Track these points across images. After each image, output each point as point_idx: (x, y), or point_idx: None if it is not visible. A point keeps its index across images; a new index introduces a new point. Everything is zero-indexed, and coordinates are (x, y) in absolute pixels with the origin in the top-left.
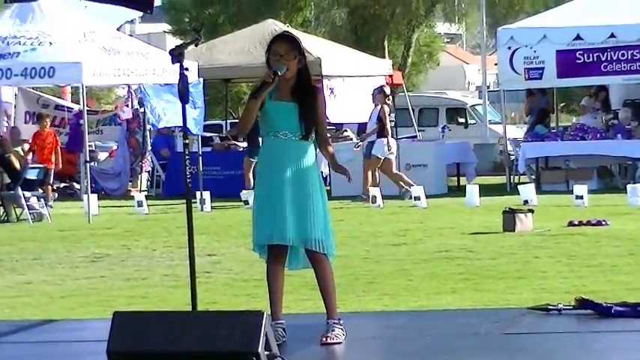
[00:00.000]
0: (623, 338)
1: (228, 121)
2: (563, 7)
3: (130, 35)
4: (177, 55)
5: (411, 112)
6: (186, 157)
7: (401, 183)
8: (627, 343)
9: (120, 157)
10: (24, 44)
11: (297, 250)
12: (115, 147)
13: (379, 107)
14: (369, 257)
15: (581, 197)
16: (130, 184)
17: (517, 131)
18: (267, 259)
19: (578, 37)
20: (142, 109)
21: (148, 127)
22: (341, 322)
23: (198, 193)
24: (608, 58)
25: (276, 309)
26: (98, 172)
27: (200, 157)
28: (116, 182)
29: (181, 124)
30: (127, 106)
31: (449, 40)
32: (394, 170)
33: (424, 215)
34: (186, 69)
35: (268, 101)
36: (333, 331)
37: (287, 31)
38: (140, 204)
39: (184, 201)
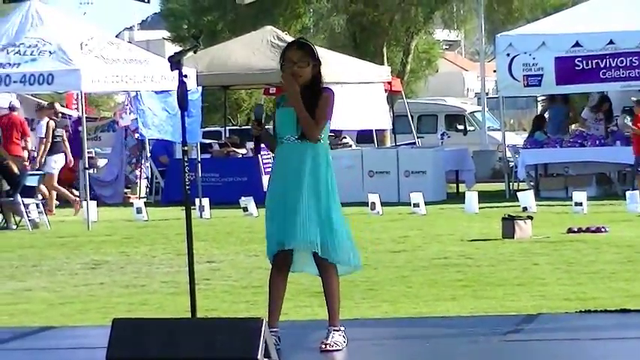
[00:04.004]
0: (622, 345)
1: (227, 128)
2: (562, 14)
3: (129, 42)
4: (176, 61)
5: (410, 118)
6: (185, 163)
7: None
8: (626, 350)
9: (114, 165)
10: (24, 54)
11: (301, 254)
12: None
13: (44, 122)
14: (368, 264)
15: (580, 204)
16: (129, 190)
17: (516, 138)
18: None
19: (577, 44)
20: (133, 116)
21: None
22: (342, 329)
23: (197, 200)
24: (607, 65)
25: (273, 317)
26: (94, 179)
27: (199, 164)
28: (110, 189)
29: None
30: (126, 112)
31: (447, 47)
32: (55, 184)
33: (423, 222)
34: (185, 76)
35: (277, 110)
36: (333, 337)
37: (302, 38)
38: (139, 211)
39: (183, 208)
